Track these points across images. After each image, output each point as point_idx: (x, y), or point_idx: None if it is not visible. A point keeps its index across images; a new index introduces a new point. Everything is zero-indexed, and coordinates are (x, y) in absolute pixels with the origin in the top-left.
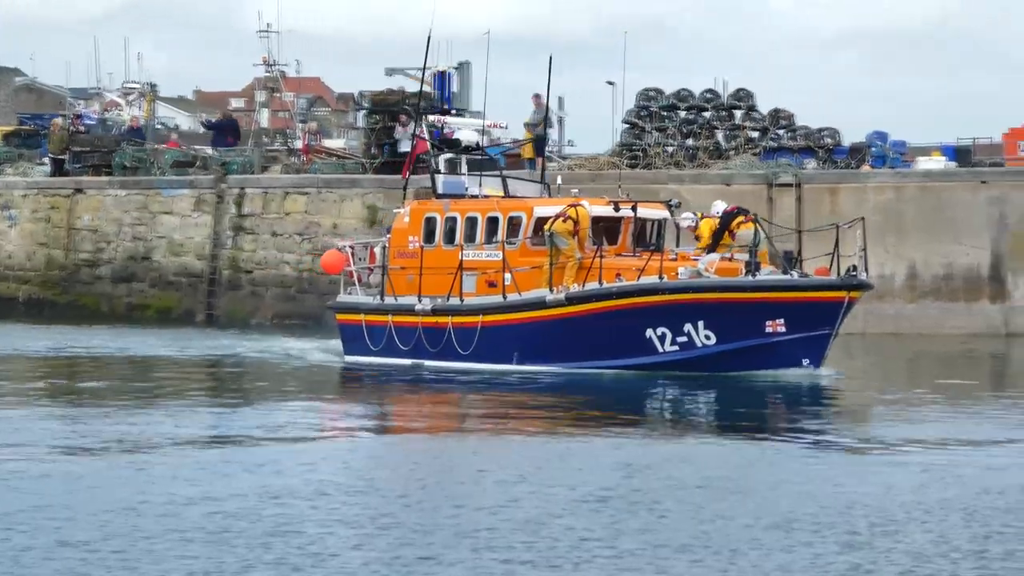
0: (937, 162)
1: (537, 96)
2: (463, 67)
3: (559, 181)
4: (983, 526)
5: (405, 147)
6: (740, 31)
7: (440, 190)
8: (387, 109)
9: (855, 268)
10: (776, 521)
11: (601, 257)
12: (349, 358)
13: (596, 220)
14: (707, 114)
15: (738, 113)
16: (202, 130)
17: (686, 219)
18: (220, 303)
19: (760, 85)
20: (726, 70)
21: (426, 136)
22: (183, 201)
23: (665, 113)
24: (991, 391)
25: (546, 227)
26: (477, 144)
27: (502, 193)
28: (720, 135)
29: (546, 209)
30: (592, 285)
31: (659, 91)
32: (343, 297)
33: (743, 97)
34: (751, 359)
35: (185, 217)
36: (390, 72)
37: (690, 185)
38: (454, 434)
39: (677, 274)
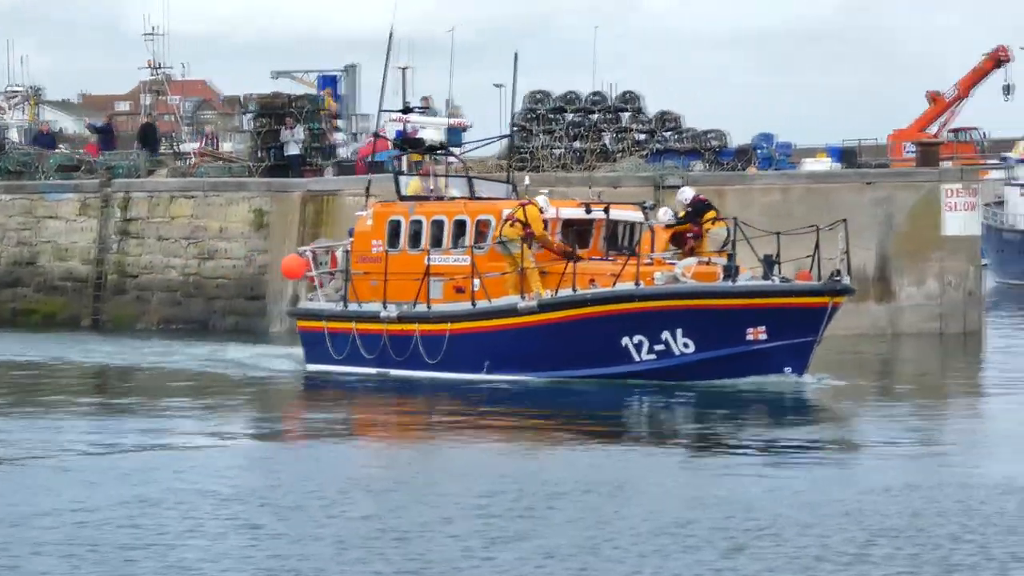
0: (823, 163)
1: (425, 99)
2: (351, 70)
3: (527, 182)
4: (862, 528)
5: (292, 150)
6: (625, 32)
7: (403, 192)
8: (273, 112)
9: (839, 272)
10: (659, 526)
11: (575, 261)
12: (311, 367)
13: (567, 223)
14: (594, 116)
15: (625, 115)
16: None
17: (665, 213)
18: (106, 308)
19: (647, 87)
20: (613, 72)
21: (386, 135)
22: (68, 205)
23: (552, 116)
24: (886, 391)
25: (495, 233)
26: (441, 144)
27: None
28: (607, 137)
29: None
30: (566, 292)
31: (546, 94)
32: (304, 303)
33: (630, 99)
34: (731, 367)
35: (70, 221)
36: (276, 75)
37: (578, 187)
38: (345, 441)
39: (653, 279)
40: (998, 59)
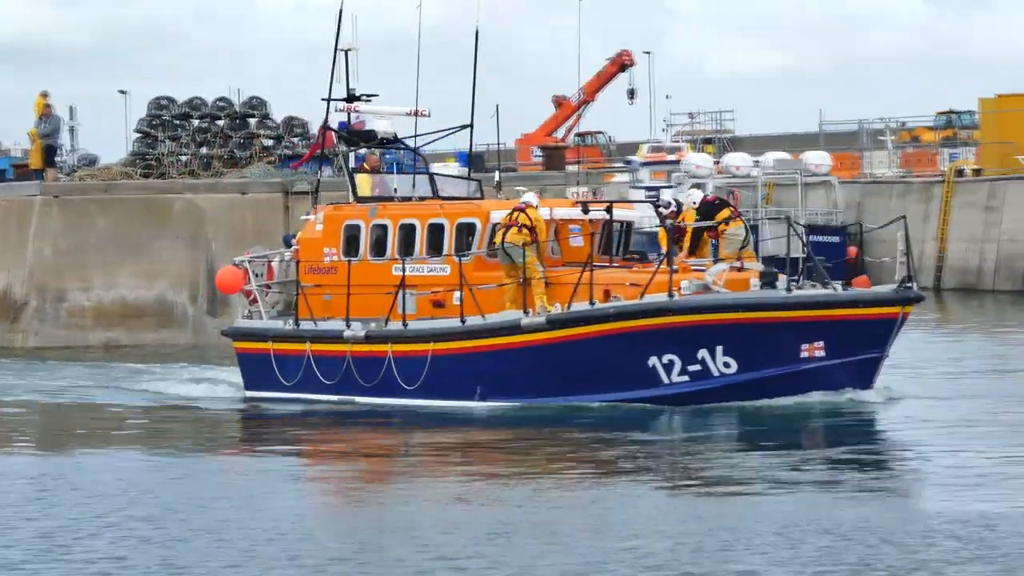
0: (451, 168)
1: (48, 106)
2: None
3: (497, 178)
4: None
5: None
6: (251, 38)
7: (371, 191)
8: None
9: (909, 279)
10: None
11: (592, 270)
12: (252, 393)
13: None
14: (221, 123)
15: (252, 121)
16: None
17: (688, 196)
18: None
19: (275, 93)
20: (241, 78)
21: (332, 126)
22: None
23: (178, 122)
24: None
25: (496, 240)
26: (395, 136)
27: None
28: (234, 143)
29: (504, 213)
30: (581, 305)
31: (171, 100)
32: (242, 322)
33: (256, 105)
34: (779, 390)
35: None
36: None
37: (205, 194)
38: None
39: (680, 289)
40: (622, 64)
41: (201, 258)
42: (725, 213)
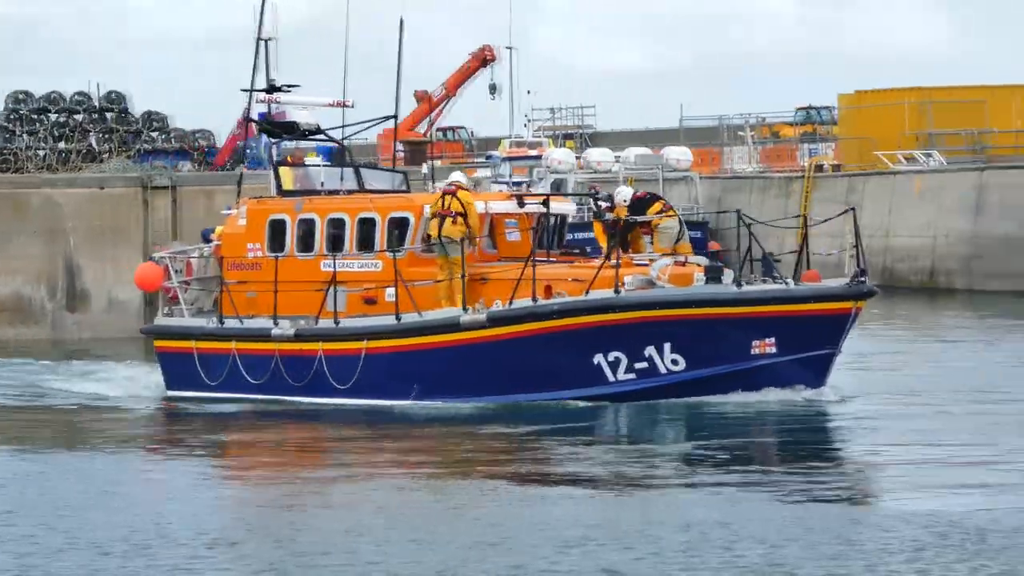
0: (312, 162)
1: None
2: None
3: (425, 170)
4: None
5: None
6: (112, 33)
7: (293, 184)
8: None
9: (863, 272)
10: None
11: (533, 265)
12: (174, 393)
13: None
14: (79, 117)
15: (111, 116)
16: None
17: (619, 194)
18: None
19: (138, 88)
20: (101, 73)
21: (252, 118)
22: None
23: (35, 116)
24: None
25: (432, 232)
26: (318, 127)
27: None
28: (93, 138)
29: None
30: (523, 301)
31: (28, 94)
32: (163, 320)
33: (115, 99)
34: (728, 387)
35: None
36: None
37: (63, 189)
38: None
39: (624, 284)
40: (484, 59)
41: (59, 253)
42: (657, 207)
